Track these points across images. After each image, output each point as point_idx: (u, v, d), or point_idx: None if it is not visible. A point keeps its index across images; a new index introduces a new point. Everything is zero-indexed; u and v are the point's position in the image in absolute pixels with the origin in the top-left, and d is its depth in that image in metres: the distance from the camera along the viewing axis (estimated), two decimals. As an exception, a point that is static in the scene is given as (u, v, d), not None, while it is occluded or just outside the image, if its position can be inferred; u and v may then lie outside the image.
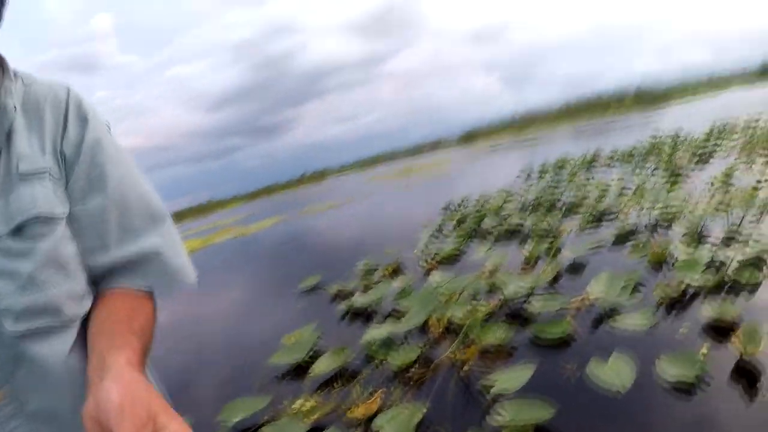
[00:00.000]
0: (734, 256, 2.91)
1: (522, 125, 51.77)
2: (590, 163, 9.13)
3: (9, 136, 1.05)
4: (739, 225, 3.60)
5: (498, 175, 11.83)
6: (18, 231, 1.00)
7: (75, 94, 1.16)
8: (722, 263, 2.92)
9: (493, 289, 3.38)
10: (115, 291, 1.04)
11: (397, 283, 4.03)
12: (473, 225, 5.83)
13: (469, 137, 63.08)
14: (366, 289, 4.26)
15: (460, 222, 6.30)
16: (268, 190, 66.81)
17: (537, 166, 10.33)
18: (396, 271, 4.72)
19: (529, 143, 23.86)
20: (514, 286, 3.24)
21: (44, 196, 1.02)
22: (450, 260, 4.69)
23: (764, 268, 2.82)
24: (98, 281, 1.05)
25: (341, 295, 4.36)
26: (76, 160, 1.09)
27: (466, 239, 5.28)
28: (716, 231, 3.56)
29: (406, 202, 11.86)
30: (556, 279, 3.47)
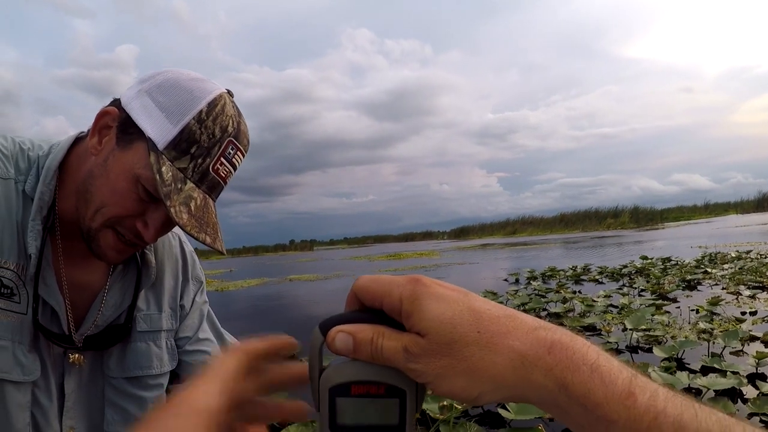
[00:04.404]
0: (711, 385, 2.95)
1: (516, 228, 52.33)
2: (579, 276, 9.24)
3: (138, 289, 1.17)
4: (720, 355, 3.66)
5: (485, 274, 11.92)
6: (133, 379, 1.14)
7: (189, 250, 1.33)
8: (698, 391, 2.95)
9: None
10: None
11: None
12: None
13: (462, 232, 63.67)
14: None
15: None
16: (255, 250, 66.64)
17: (525, 271, 10.42)
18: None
19: (521, 247, 24.12)
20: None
21: (157, 356, 1.17)
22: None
23: (739, 400, 2.86)
24: None
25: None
26: (190, 314, 1.27)
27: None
28: (696, 359, 3.61)
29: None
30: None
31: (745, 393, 2.94)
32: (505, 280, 9.94)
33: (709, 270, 8.25)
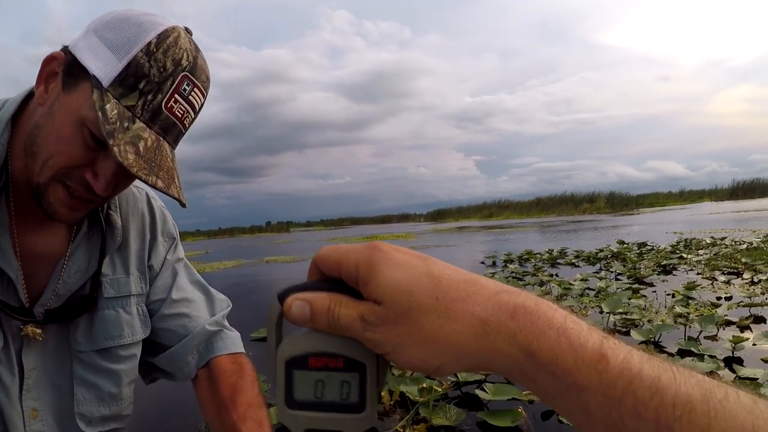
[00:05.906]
0: (690, 368, 2.96)
1: (492, 211, 52.74)
2: (555, 259, 9.30)
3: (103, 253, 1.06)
4: (696, 339, 3.69)
5: (462, 257, 11.95)
6: (103, 351, 1.05)
7: (158, 205, 1.22)
8: (676, 375, 2.96)
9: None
10: (223, 357, 1.18)
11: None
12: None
13: (439, 214, 64.07)
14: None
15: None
16: (231, 231, 66.18)
17: (502, 254, 10.48)
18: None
19: (497, 230, 24.28)
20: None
21: (128, 323, 1.08)
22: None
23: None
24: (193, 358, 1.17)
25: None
26: (161, 274, 1.17)
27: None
28: (673, 342, 3.64)
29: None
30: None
31: (722, 376, 2.96)
32: (482, 262, 9.97)
33: (684, 255, 8.36)
